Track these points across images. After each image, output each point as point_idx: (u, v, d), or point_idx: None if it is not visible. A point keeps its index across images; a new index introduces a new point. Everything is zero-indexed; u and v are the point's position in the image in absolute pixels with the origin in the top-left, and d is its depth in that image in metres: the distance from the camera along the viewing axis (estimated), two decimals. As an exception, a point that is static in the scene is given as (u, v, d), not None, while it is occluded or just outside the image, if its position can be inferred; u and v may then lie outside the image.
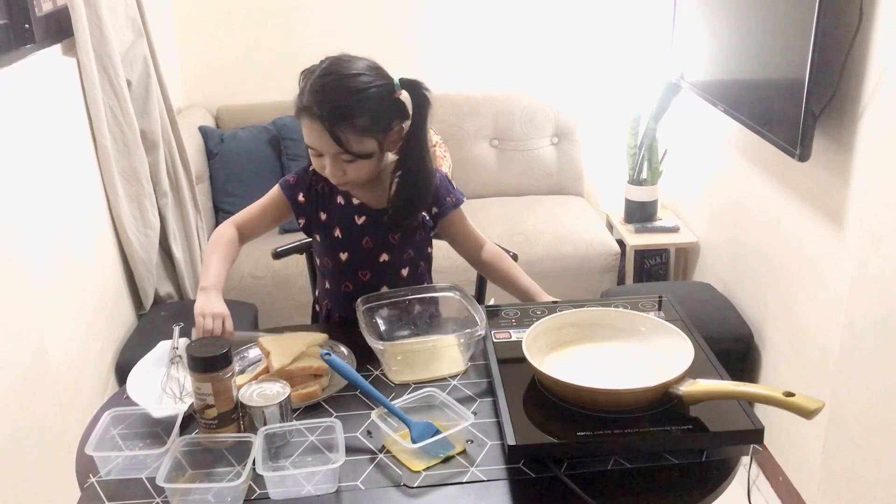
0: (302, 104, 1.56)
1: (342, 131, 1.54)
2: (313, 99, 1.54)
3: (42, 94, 2.16)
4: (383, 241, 1.71)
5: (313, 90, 1.54)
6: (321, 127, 1.54)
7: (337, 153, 1.56)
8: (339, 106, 1.53)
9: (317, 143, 1.57)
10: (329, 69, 1.56)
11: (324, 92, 1.53)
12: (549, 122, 3.54)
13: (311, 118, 1.55)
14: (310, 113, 1.54)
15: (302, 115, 1.56)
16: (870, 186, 1.92)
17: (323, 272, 1.80)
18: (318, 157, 1.60)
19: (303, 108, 1.55)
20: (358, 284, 1.73)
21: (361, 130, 1.55)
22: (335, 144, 1.55)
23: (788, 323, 2.42)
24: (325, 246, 1.74)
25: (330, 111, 1.52)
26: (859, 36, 1.95)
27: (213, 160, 3.25)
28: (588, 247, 3.13)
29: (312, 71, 1.58)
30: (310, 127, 1.56)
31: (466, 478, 1.24)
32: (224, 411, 1.29)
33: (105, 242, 2.49)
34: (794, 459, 2.42)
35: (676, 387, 1.25)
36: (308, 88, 1.55)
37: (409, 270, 1.77)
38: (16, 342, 1.90)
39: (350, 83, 1.54)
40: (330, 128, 1.53)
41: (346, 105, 1.53)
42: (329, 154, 1.57)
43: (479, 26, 3.56)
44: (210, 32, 3.50)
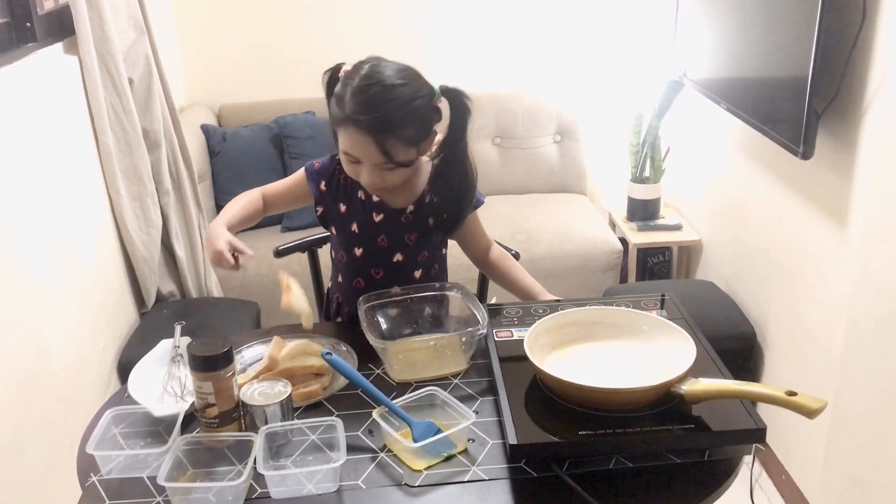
0: (345, 113, 1.50)
1: (389, 142, 1.50)
2: (359, 109, 1.49)
3: (44, 92, 2.16)
4: (399, 240, 1.70)
5: (357, 100, 1.49)
6: (368, 138, 1.50)
7: (378, 163, 1.53)
8: (388, 119, 1.49)
9: (360, 152, 1.53)
10: (371, 77, 1.51)
11: (370, 103, 1.49)
12: (552, 121, 3.54)
13: (355, 128, 1.50)
14: (355, 123, 1.50)
15: (344, 124, 1.51)
16: (873, 185, 1.91)
17: (337, 266, 1.79)
18: (354, 163, 1.57)
19: (346, 118, 1.50)
20: (370, 281, 1.72)
21: (406, 141, 1.53)
22: (381, 155, 1.51)
23: (791, 321, 2.41)
24: (341, 240, 1.73)
25: (378, 123, 1.49)
26: (862, 34, 1.94)
27: (215, 158, 3.25)
28: (590, 245, 3.13)
29: (350, 76, 1.53)
30: (353, 137, 1.51)
31: (468, 477, 1.23)
32: (225, 410, 1.29)
33: (107, 241, 2.49)
34: (796, 458, 2.42)
35: (678, 386, 1.24)
36: (350, 97, 1.50)
37: (423, 272, 1.76)
38: (17, 341, 1.90)
39: (396, 94, 1.50)
40: (377, 139, 1.49)
41: (394, 118, 1.50)
42: (370, 163, 1.54)
43: (481, 24, 3.56)
44: (212, 30, 3.49)
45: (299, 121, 3.32)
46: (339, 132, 1.55)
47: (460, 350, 1.49)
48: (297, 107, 3.42)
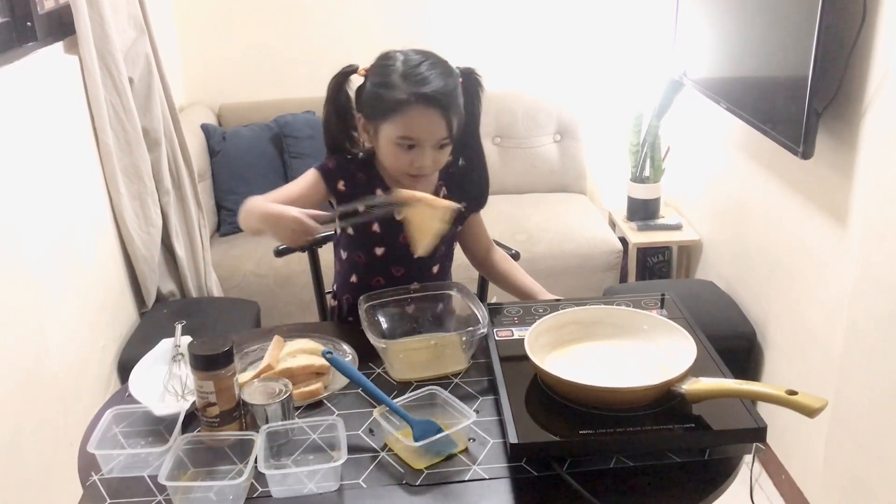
0: (408, 94, 1.51)
1: (452, 114, 1.55)
2: (430, 86, 1.52)
3: (44, 91, 2.16)
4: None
5: (418, 77, 1.52)
6: (435, 113, 1.52)
7: (440, 139, 1.56)
8: (450, 90, 1.55)
9: (424, 131, 1.54)
10: (413, 58, 1.56)
11: (433, 78, 1.53)
12: (552, 120, 3.54)
13: (422, 106, 1.52)
14: (423, 100, 1.51)
15: (405, 106, 1.52)
16: (873, 184, 1.91)
17: (350, 266, 1.75)
18: (409, 149, 1.56)
19: (409, 98, 1.51)
20: (390, 280, 1.72)
21: (460, 113, 1.58)
22: (445, 129, 1.55)
23: (791, 321, 2.41)
24: (360, 240, 1.71)
25: (443, 95, 1.53)
26: (863, 33, 1.94)
27: (215, 158, 3.25)
28: (590, 245, 3.13)
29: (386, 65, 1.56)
30: (418, 115, 1.52)
31: (468, 476, 1.23)
32: (226, 409, 1.29)
33: (107, 240, 2.49)
34: (796, 458, 2.42)
35: (679, 385, 1.25)
36: (408, 77, 1.52)
37: (439, 268, 1.77)
38: (18, 340, 1.90)
39: (446, 68, 1.57)
40: (444, 112, 1.53)
41: (453, 89, 1.55)
42: (431, 142, 1.56)
43: (481, 24, 3.55)
44: (212, 30, 3.49)
45: (299, 120, 3.32)
46: (394, 118, 1.54)
47: (461, 349, 1.49)
48: (296, 106, 3.42)
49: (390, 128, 1.56)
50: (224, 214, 3.26)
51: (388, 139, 1.57)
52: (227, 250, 3.08)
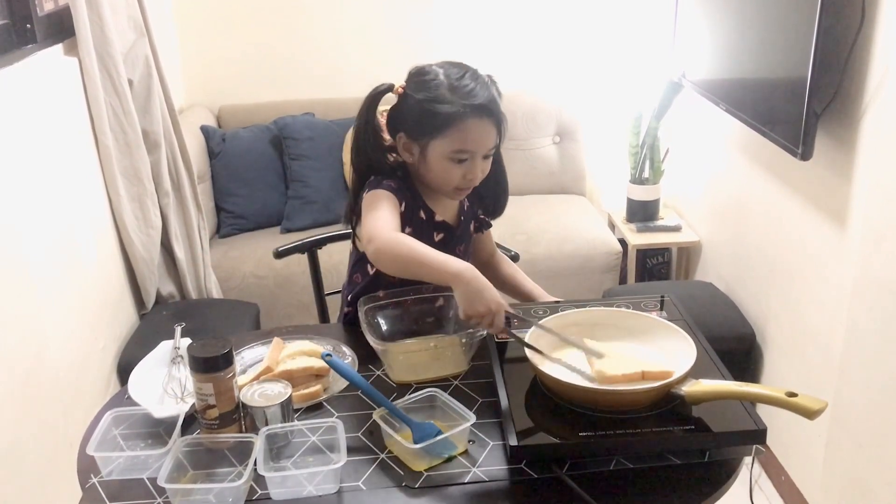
0: (472, 103, 1.51)
1: (502, 124, 1.57)
2: (481, 97, 1.53)
3: (43, 93, 2.16)
4: (454, 252, 1.65)
5: (475, 91, 1.53)
6: (489, 123, 1.54)
7: (490, 149, 1.58)
8: (496, 99, 1.56)
9: (480, 142, 1.55)
10: (464, 70, 1.57)
11: (485, 88, 1.54)
12: (551, 122, 3.54)
13: (481, 116, 1.53)
14: (477, 111, 1.52)
15: (461, 118, 1.51)
16: (872, 185, 1.92)
17: (378, 282, 1.66)
18: (461, 162, 1.55)
19: (474, 108, 1.52)
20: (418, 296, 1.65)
21: (505, 122, 1.59)
22: (496, 137, 1.57)
23: (791, 322, 2.41)
24: None
25: (494, 104, 1.55)
26: (861, 34, 1.94)
27: (214, 160, 3.25)
28: (590, 246, 3.13)
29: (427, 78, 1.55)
30: (476, 127, 1.53)
31: (468, 478, 1.23)
32: (225, 411, 1.29)
33: (107, 242, 2.49)
34: (796, 459, 2.42)
35: (679, 387, 1.25)
36: (465, 89, 1.52)
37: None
38: (17, 341, 1.90)
39: (485, 79, 1.58)
40: (496, 122, 1.55)
41: (497, 98, 1.57)
42: (483, 152, 1.57)
43: (481, 26, 3.55)
44: (212, 32, 3.49)
45: (299, 122, 3.32)
46: (449, 133, 1.53)
47: (460, 351, 1.49)
48: (296, 108, 3.42)
49: (443, 143, 1.54)
50: (223, 216, 3.26)
51: (440, 155, 1.55)
52: (226, 252, 3.08)
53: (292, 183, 3.26)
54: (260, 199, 3.27)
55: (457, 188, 1.60)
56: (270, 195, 3.28)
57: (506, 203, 1.77)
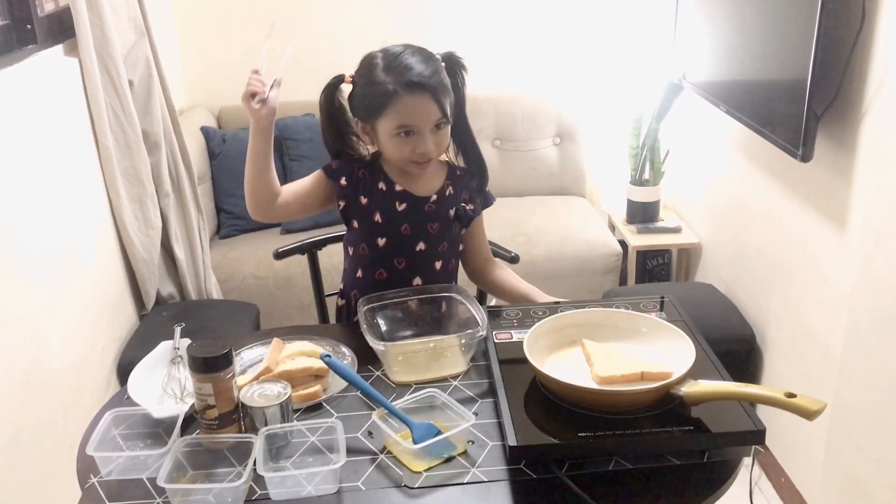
0: (397, 84, 1.58)
1: (442, 95, 1.61)
2: (414, 72, 1.58)
3: (44, 94, 2.16)
4: (421, 229, 1.73)
5: (402, 67, 1.59)
6: (426, 97, 1.59)
7: (436, 121, 1.62)
8: (436, 73, 1.61)
9: (420, 116, 1.60)
10: (394, 49, 1.63)
11: (418, 64, 1.60)
12: (552, 123, 3.54)
13: (412, 92, 1.58)
14: (412, 87, 1.58)
15: (395, 97, 1.58)
16: (872, 187, 1.92)
17: (356, 261, 1.79)
18: (408, 136, 1.62)
19: (399, 88, 1.58)
20: (392, 272, 1.74)
21: (448, 92, 1.64)
22: (438, 110, 1.61)
23: (791, 324, 2.41)
24: (364, 231, 1.74)
25: (430, 77, 1.59)
26: (862, 36, 1.94)
27: (214, 160, 3.25)
28: (590, 247, 3.13)
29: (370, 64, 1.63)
30: (411, 103, 1.59)
31: (467, 479, 1.23)
32: (225, 412, 1.29)
33: (107, 242, 2.49)
34: (796, 461, 2.42)
35: (678, 388, 1.25)
36: (393, 69, 1.59)
37: (442, 265, 1.78)
38: (17, 341, 1.90)
39: (427, 53, 1.64)
40: (434, 95, 1.59)
41: (441, 74, 1.62)
42: (428, 126, 1.62)
43: (481, 27, 3.56)
44: (212, 33, 3.50)
45: (299, 123, 3.32)
46: (387, 112, 1.60)
47: (460, 352, 1.49)
48: (296, 109, 3.42)
49: (386, 122, 1.62)
50: (223, 217, 3.26)
51: (386, 133, 1.64)
52: (226, 253, 3.08)
53: (292, 184, 3.26)
54: (260, 200, 3.27)
55: (413, 162, 1.66)
56: (271, 196, 3.28)
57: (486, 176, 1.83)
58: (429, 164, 1.69)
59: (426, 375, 1.48)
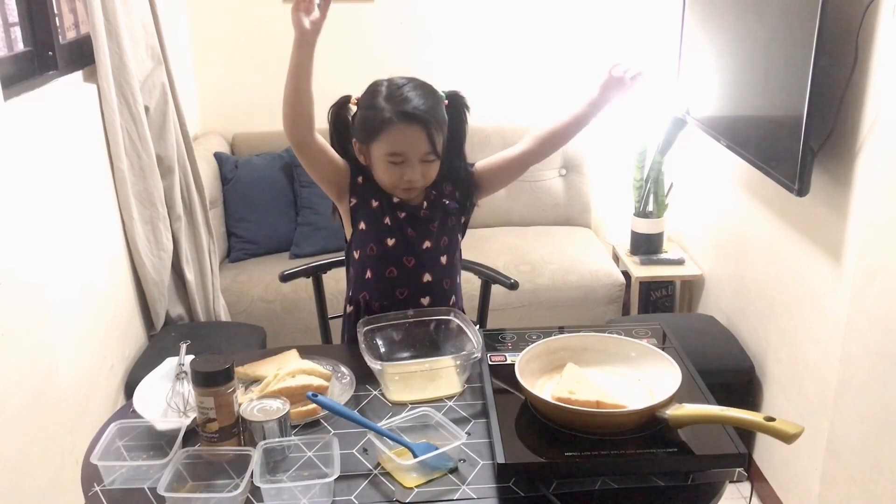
0: (392, 112, 1.67)
1: (434, 131, 1.69)
2: (406, 104, 1.67)
3: (63, 118, 2.23)
4: (425, 229, 1.81)
5: (401, 98, 1.68)
6: (417, 129, 1.68)
7: (424, 154, 1.70)
8: (432, 109, 1.70)
9: (409, 146, 1.69)
10: (399, 81, 1.72)
11: (415, 97, 1.68)
12: (557, 154, 3.59)
13: (404, 123, 1.67)
14: (405, 118, 1.67)
15: (389, 124, 1.67)
16: (866, 222, 1.95)
17: (365, 262, 1.83)
18: (398, 165, 1.70)
19: (393, 116, 1.67)
20: (402, 270, 1.81)
21: (442, 130, 1.72)
22: (429, 144, 1.69)
23: (788, 356, 2.44)
24: (374, 232, 1.81)
25: (425, 112, 1.68)
26: (855, 75, 1.99)
27: (227, 186, 3.32)
28: (593, 277, 3.16)
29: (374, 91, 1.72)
30: (402, 132, 1.67)
31: (457, 496, 1.27)
32: (225, 425, 1.34)
33: (119, 263, 2.55)
34: (792, 492, 2.43)
35: (663, 410, 1.28)
36: (392, 98, 1.68)
37: (447, 259, 1.86)
38: (28, 358, 1.94)
39: (429, 89, 1.73)
40: (426, 129, 1.68)
41: (435, 107, 1.71)
42: (417, 158, 1.70)
43: (486, 59, 3.63)
44: (227, 62, 3.59)
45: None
46: (382, 137, 1.69)
47: (455, 373, 1.53)
48: (308, 137, 3.49)
49: (379, 146, 1.71)
50: (234, 241, 3.32)
51: (378, 157, 1.73)
52: (235, 276, 3.14)
53: (302, 210, 3.33)
54: (270, 225, 3.33)
55: (400, 189, 1.74)
56: (280, 221, 3.34)
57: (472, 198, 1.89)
58: (414, 192, 1.77)
59: (422, 395, 1.52)
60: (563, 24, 3.61)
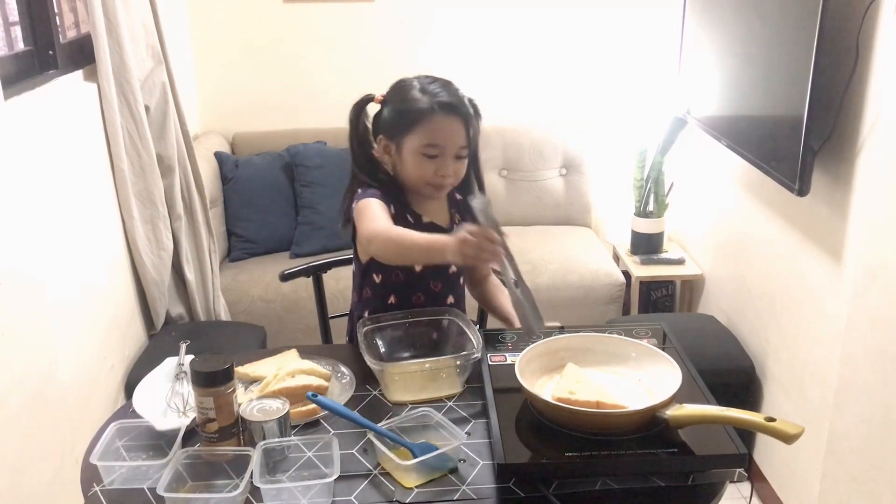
0: (433, 102, 1.65)
1: (470, 126, 1.68)
2: (451, 96, 1.67)
3: (63, 117, 2.23)
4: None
5: (445, 91, 1.67)
6: (457, 121, 1.66)
7: (460, 148, 1.68)
8: (468, 103, 1.69)
9: (447, 137, 1.67)
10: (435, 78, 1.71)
11: (454, 91, 1.69)
12: (558, 154, 3.60)
13: (444, 114, 1.65)
14: (446, 108, 1.65)
15: (430, 114, 1.65)
16: (866, 222, 1.95)
17: (389, 287, 1.78)
18: (432, 158, 1.67)
19: (434, 107, 1.65)
20: (430, 295, 1.79)
21: (476, 127, 1.71)
22: (465, 138, 1.68)
23: (789, 356, 2.44)
24: None
25: (463, 106, 1.67)
26: (856, 75, 1.99)
27: (227, 185, 3.32)
28: (594, 277, 3.16)
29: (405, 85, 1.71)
30: (442, 123, 1.65)
31: (457, 496, 1.27)
32: (225, 425, 1.33)
33: (119, 263, 2.55)
34: (793, 493, 2.43)
35: (663, 411, 1.28)
36: (431, 89, 1.67)
37: (462, 279, 1.87)
38: (28, 357, 1.94)
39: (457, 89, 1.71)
40: (465, 122, 1.67)
41: (470, 103, 1.70)
42: (453, 150, 1.68)
43: (488, 59, 3.63)
44: (227, 62, 3.59)
45: (310, 150, 3.39)
46: (418, 128, 1.66)
47: (455, 373, 1.53)
48: (308, 136, 3.50)
49: (414, 138, 1.67)
50: (234, 240, 3.32)
51: (412, 150, 1.68)
52: (235, 275, 3.14)
53: (302, 209, 3.33)
54: (270, 225, 3.33)
55: (430, 184, 1.71)
56: (281, 221, 3.34)
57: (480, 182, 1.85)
58: (443, 191, 1.74)
59: (422, 395, 1.51)
60: (564, 25, 3.61)
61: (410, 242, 1.54)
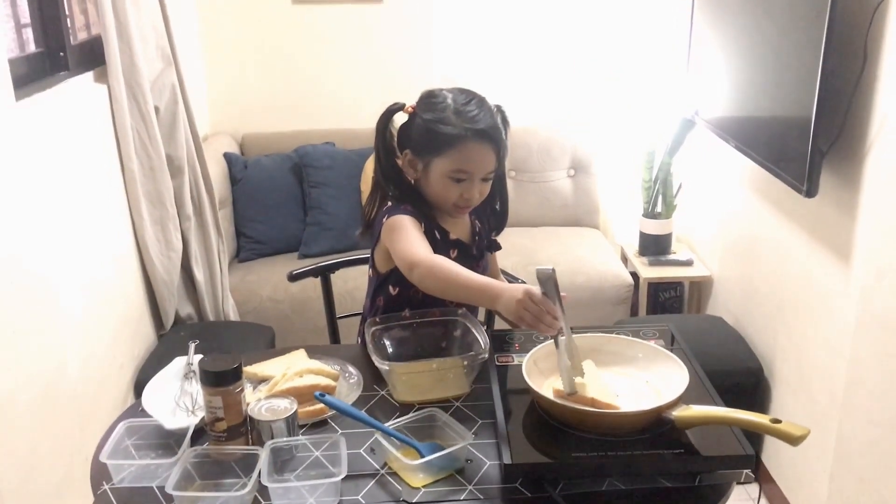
0: (476, 128, 1.61)
1: (502, 150, 1.66)
2: (484, 122, 1.62)
3: (74, 118, 2.25)
4: (474, 266, 1.75)
5: (479, 116, 1.62)
6: (488, 147, 1.62)
7: (488, 173, 1.66)
8: (498, 127, 1.65)
9: (479, 164, 1.63)
10: (471, 96, 1.66)
11: (489, 115, 1.64)
12: (566, 155, 3.60)
13: (482, 140, 1.61)
14: (479, 135, 1.61)
15: (463, 140, 1.61)
16: (875, 223, 1.95)
17: (404, 300, 1.74)
18: (460, 182, 1.64)
19: (477, 132, 1.61)
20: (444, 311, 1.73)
21: (505, 148, 1.68)
22: (495, 162, 1.65)
23: (797, 357, 2.43)
24: None
25: (495, 130, 1.64)
26: (864, 76, 1.99)
27: (236, 186, 3.34)
28: (602, 278, 3.16)
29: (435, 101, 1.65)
30: (477, 149, 1.62)
31: (464, 496, 1.27)
32: (233, 424, 1.34)
33: (129, 263, 2.57)
34: (801, 494, 2.42)
35: (669, 411, 1.28)
36: (464, 112, 1.62)
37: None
38: (39, 356, 1.96)
39: (490, 107, 1.67)
40: (495, 147, 1.63)
41: (500, 126, 1.66)
42: (481, 175, 1.65)
43: (496, 60, 3.64)
44: (237, 63, 3.61)
45: (319, 151, 3.40)
46: (450, 153, 1.62)
47: (462, 373, 1.54)
48: (317, 137, 3.51)
49: (444, 162, 1.64)
50: (243, 241, 3.33)
51: (440, 173, 1.65)
52: (244, 276, 3.15)
53: (311, 210, 3.34)
54: (279, 225, 3.34)
55: (454, 205, 1.69)
56: (290, 221, 3.35)
57: (505, 224, 1.88)
58: (466, 211, 1.73)
59: (429, 396, 1.52)
60: (572, 25, 3.61)
61: (463, 283, 1.48)
